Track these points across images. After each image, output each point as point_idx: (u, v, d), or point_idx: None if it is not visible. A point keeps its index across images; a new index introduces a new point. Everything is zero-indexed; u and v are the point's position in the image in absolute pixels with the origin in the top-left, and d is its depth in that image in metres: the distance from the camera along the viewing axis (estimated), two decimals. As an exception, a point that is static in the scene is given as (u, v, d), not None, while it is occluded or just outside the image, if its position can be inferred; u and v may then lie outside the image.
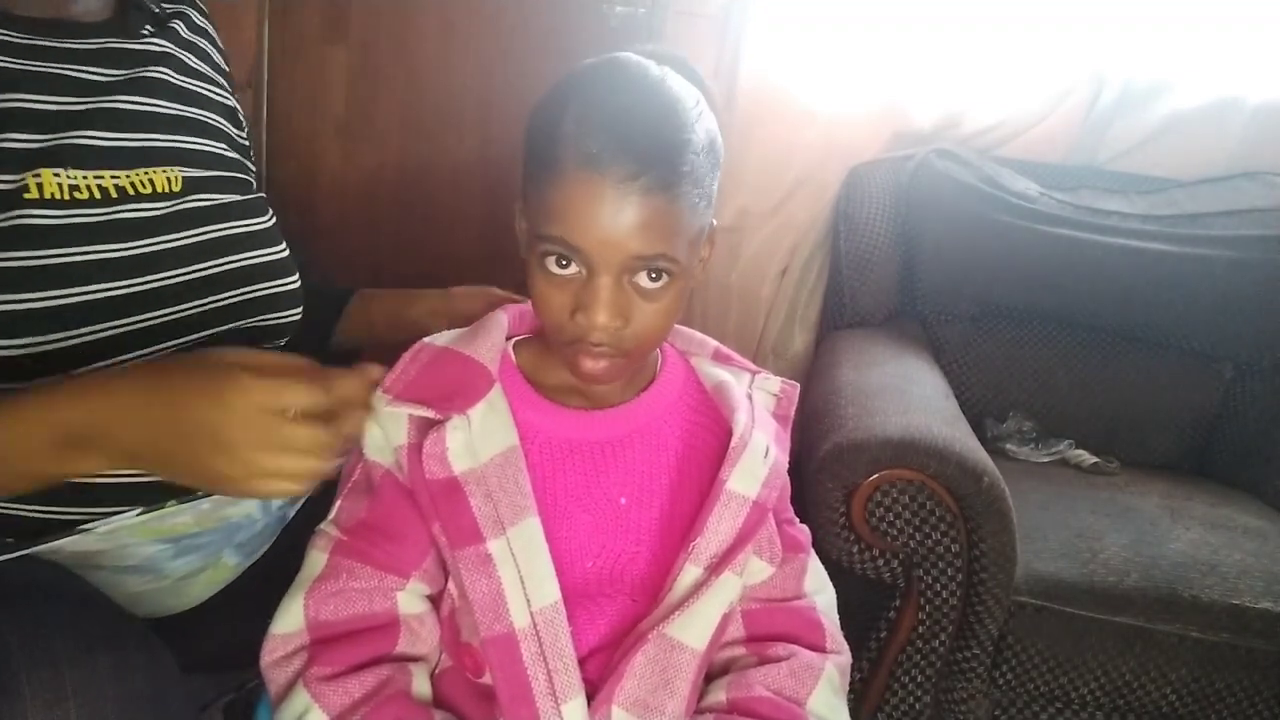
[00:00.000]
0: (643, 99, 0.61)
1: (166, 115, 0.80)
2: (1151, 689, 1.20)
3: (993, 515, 1.13)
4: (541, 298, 0.63)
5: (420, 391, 0.66)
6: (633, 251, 0.59)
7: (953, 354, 1.70)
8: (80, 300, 0.69)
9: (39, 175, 0.68)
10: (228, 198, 0.82)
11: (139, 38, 0.81)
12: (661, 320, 0.64)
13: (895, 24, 1.74)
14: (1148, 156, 1.75)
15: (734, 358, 0.80)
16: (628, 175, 0.58)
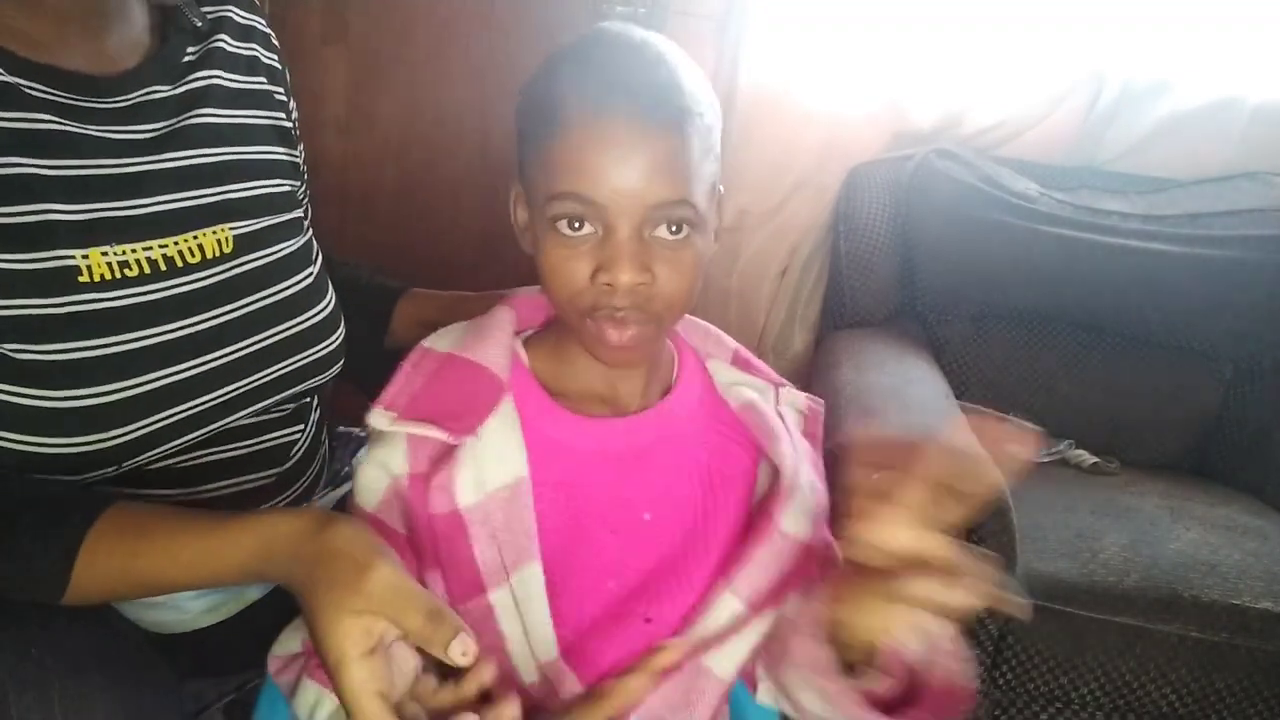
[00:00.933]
0: (635, 50, 0.59)
1: (212, 165, 0.74)
2: (1151, 689, 1.20)
3: (993, 515, 1.13)
4: (555, 268, 0.59)
5: (427, 407, 0.62)
6: (651, 198, 0.56)
7: (953, 354, 1.70)
8: (140, 392, 0.65)
9: (88, 255, 0.64)
10: (279, 250, 0.77)
11: (179, 75, 0.74)
12: (687, 279, 0.60)
13: (895, 24, 1.73)
14: (1148, 156, 1.75)
15: (754, 363, 0.74)
16: (635, 114, 0.55)
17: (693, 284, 0.61)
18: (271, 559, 0.55)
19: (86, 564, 0.56)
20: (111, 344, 0.64)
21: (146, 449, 0.66)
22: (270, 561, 0.55)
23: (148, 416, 0.66)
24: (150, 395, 0.66)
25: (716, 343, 0.75)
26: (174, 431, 0.68)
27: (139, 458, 0.66)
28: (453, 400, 0.62)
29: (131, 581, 0.57)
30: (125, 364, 0.65)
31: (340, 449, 0.94)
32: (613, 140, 0.55)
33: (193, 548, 0.57)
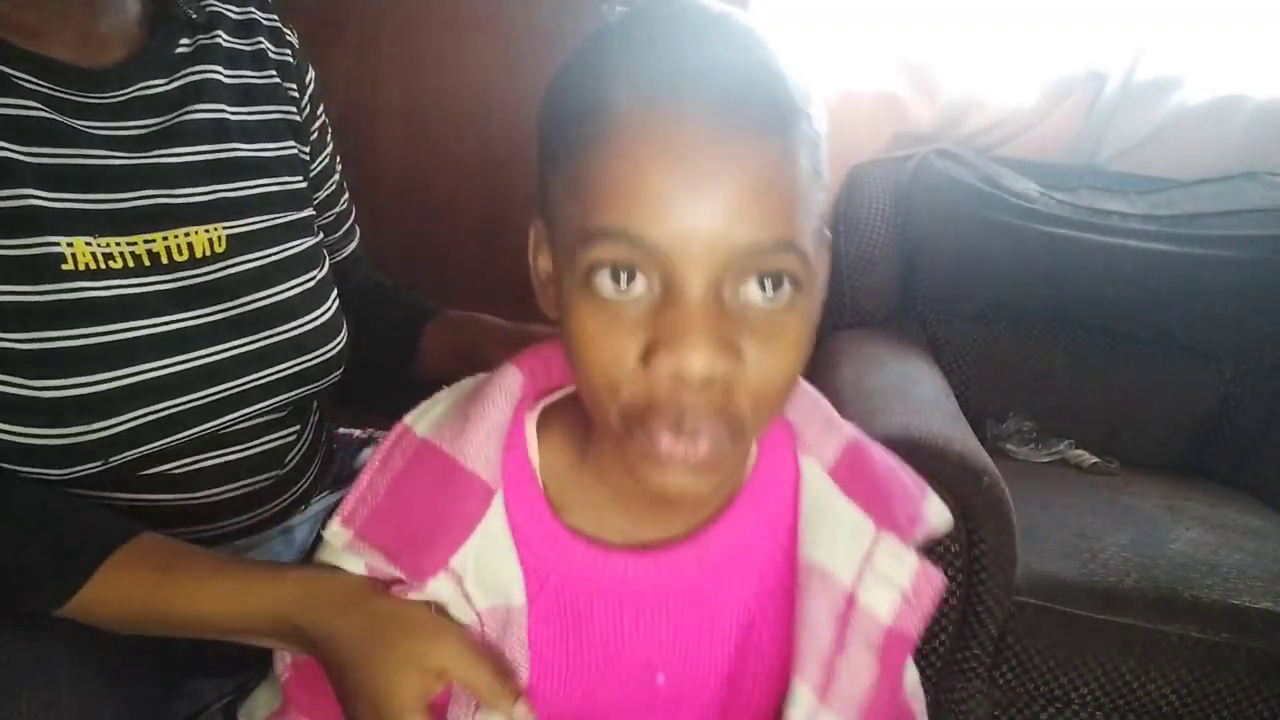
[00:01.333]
0: (714, 23, 0.41)
1: (206, 163, 0.71)
2: (1151, 689, 1.20)
3: (993, 515, 1.13)
4: (589, 345, 0.41)
5: (388, 525, 0.49)
6: (740, 240, 0.38)
7: (953, 354, 1.70)
8: (122, 384, 0.64)
9: (72, 244, 0.62)
10: (279, 252, 0.74)
11: (173, 68, 0.71)
12: (790, 362, 0.41)
13: (895, 24, 1.73)
14: (1147, 156, 1.75)
15: (872, 471, 0.53)
16: (723, 102, 0.37)
17: (797, 369, 0.42)
18: (314, 608, 0.53)
19: (103, 583, 0.55)
20: (94, 334, 0.63)
21: (131, 445, 0.65)
22: (311, 610, 0.53)
23: (130, 410, 0.65)
24: (133, 389, 0.65)
25: (825, 428, 0.54)
26: (160, 429, 0.67)
27: (125, 454, 0.65)
28: (421, 516, 0.49)
29: (151, 612, 0.56)
30: (108, 355, 0.64)
31: (340, 451, 0.93)
32: (681, 148, 0.37)
33: (224, 586, 0.55)
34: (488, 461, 0.49)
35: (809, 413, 0.54)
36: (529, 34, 1.75)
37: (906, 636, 0.51)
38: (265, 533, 0.79)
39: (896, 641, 0.51)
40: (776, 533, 0.52)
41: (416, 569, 0.49)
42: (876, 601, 0.50)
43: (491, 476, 0.49)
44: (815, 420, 0.54)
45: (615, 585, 0.50)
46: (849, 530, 0.51)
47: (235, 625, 0.56)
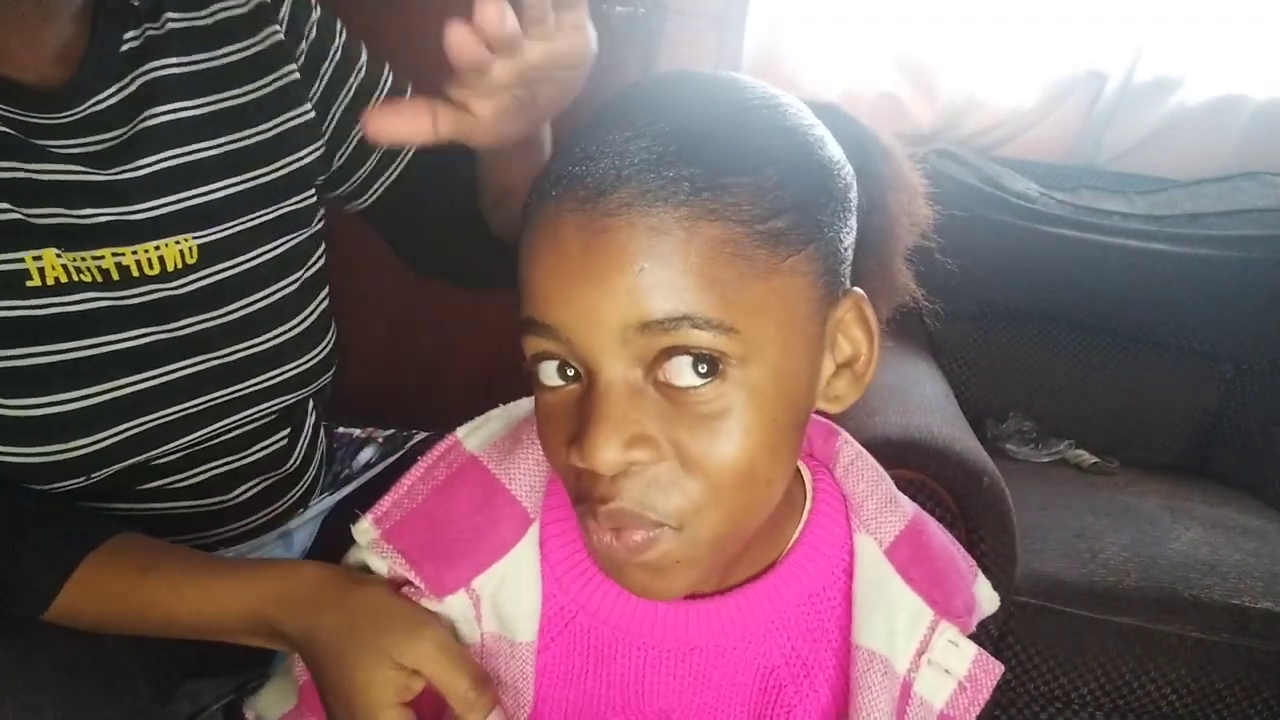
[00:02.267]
0: (634, 107, 0.39)
1: (168, 171, 0.66)
2: (1151, 689, 1.20)
3: (993, 515, 1.13)
4: (540, 431, 0.42)
5: (419, 534, 0.48)
6: (631, 316, 0.36)
7: (953, 354, 1.70)
8: (98, 401, 0.62)
9: (40, 257, 0.59)
10: (256, 257, 0.70)
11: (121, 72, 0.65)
12: (739, 445, 0.38)
13: (895, 24, 1.73)
14: (1147, 156, 1.75)
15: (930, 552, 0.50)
16: (592, 191, 0.37)
17: (752, 449, 0.38)
18: (292, 604, 0.52)
19: (84, 583, 0.55)
20: (64, 351, 0.61)
21: (113, 460, 0.64)
22: (288, 608, 0.52)
23: (111, 426, 0.63)
24: (110, 405, 0.63)
25: (884, 506, 0.51)
26: (140, 444, 0.65)
27: (109, 469, 0.64)
28: (455, 532, 0.48)
29: (129, 611, 0.56)
30: (81, 371, 0.62)
31: (340, 450, 0.93)
32: (561, 228, 0.37)
33: (202, 585, 0.55)
34: (531, 490, 0.49)
35: (869, 488, 0.51)
36: (529, 34, 1.74)
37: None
38: (263, 536, 0.79)
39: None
40: (819, 607, 0.50)
41: (437, 582, 0.48)
42: (932, 690, 0.49)
43: (532, 505, 0.49)
44: (875, 497, 0.51)
45: (642, 631, 0.49)
46: (907, 616, 0.49)
47: (214, 624, 0.55)
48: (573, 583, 0.49)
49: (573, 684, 0.50)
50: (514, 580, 0.48)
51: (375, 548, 0.49)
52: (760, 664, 0.50)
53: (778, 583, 0.49)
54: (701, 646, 0.49)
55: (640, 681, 0.50)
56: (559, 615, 0.49)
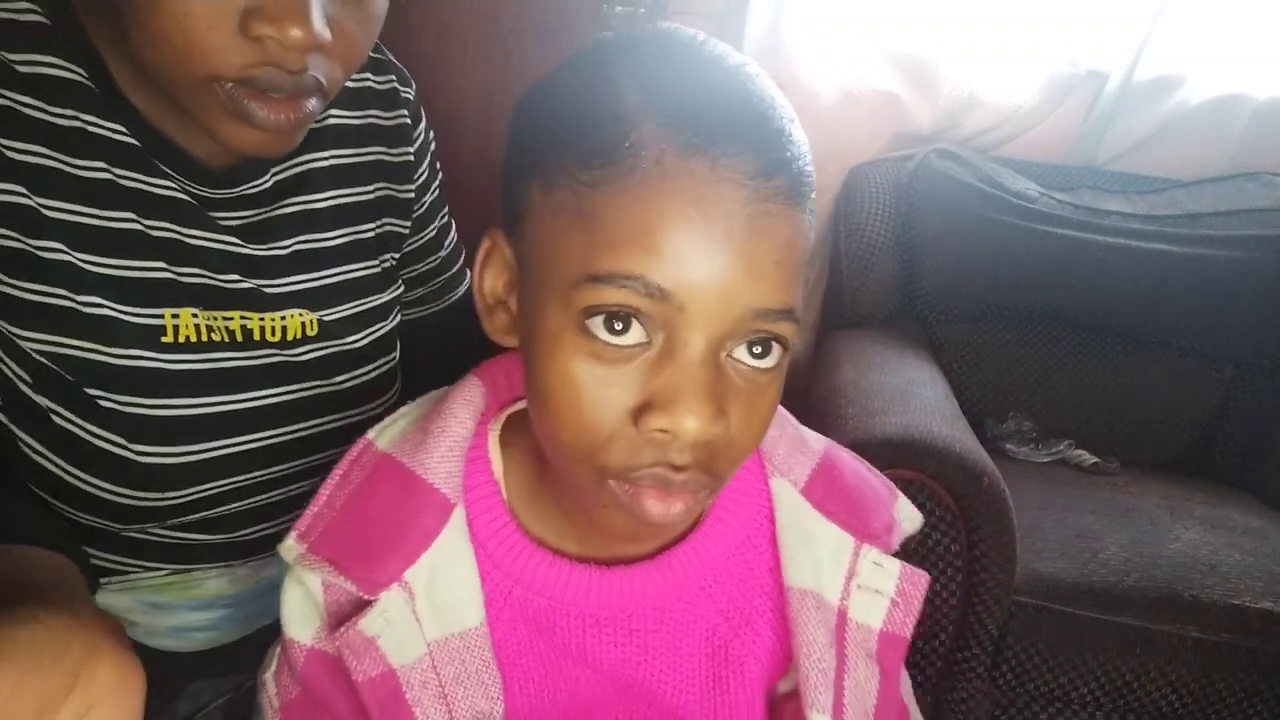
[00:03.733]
0: (733, 67, 0.41)
1: (301, 253, 0.71)
2: (1151, 689, 1.20)
3: (993, 515, 1.13)
4: (575, 393, 0.39)
5: (344, 537, 0.47)
6: (755, 301, 0.38)
7: (953, 354, 1.70)
8: (212, 456, 0.66)
9: (178, 315, 0.63)
10: (361, 338, 0.75)
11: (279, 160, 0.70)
12: (766, 423, 0.43)
13: (895, 24, 1.73)
14: (1148, 156, 1.75)
15: (844, 485, 0.52)
16: (760, 169, 0.37)
17: (769, 424, 0.43)
18: None
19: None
20: (187, 406, 0.64)
21: (196, 510, 0.67)
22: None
23: (209, 481, 0.66)
24: (216, 461, 0.66)
25: (794, 448, 0.53)
26: (226, 498, 0.69)
27: (193, 515, 0.67)
28: (378, 530, 0.47)
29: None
30: (201, 427, 0.65)
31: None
32: (716, 209, 0.36)
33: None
34: (449, 475, 0.48)
35: (776, 435, 0.53)
36: (528, 35, 1.75)
37: (900, 638, 0.51)
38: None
39: (891, 645, 0.51)
40: (746, 556, 0.52)
41: (369, 581, 0.46)
42: (867, 612, 0.51)
43: (452, 490, 0.48)
44: (783, 442, 0.53)
45: (578, 600, 0.49)
46: (830, 550, 0.51)
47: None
48: (504, 556, 0.49)
49: (527, 655, 0.50)
50: (446, 566, 0.47)
51: (303, 561, 0.47)
52: (700, 625, 0.51)
53: (703, 540, 0.50)
54: (638, 613, 0.49)
55: (585, 649, 0.50)
56: (497, 591, 0.49)
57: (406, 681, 0.46)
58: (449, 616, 0.47)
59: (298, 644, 0.48)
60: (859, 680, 0.50)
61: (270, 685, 0.51)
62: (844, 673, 0.50)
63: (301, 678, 0.49)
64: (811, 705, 0.50)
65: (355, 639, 0.46)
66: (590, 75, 0.41)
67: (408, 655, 0.46)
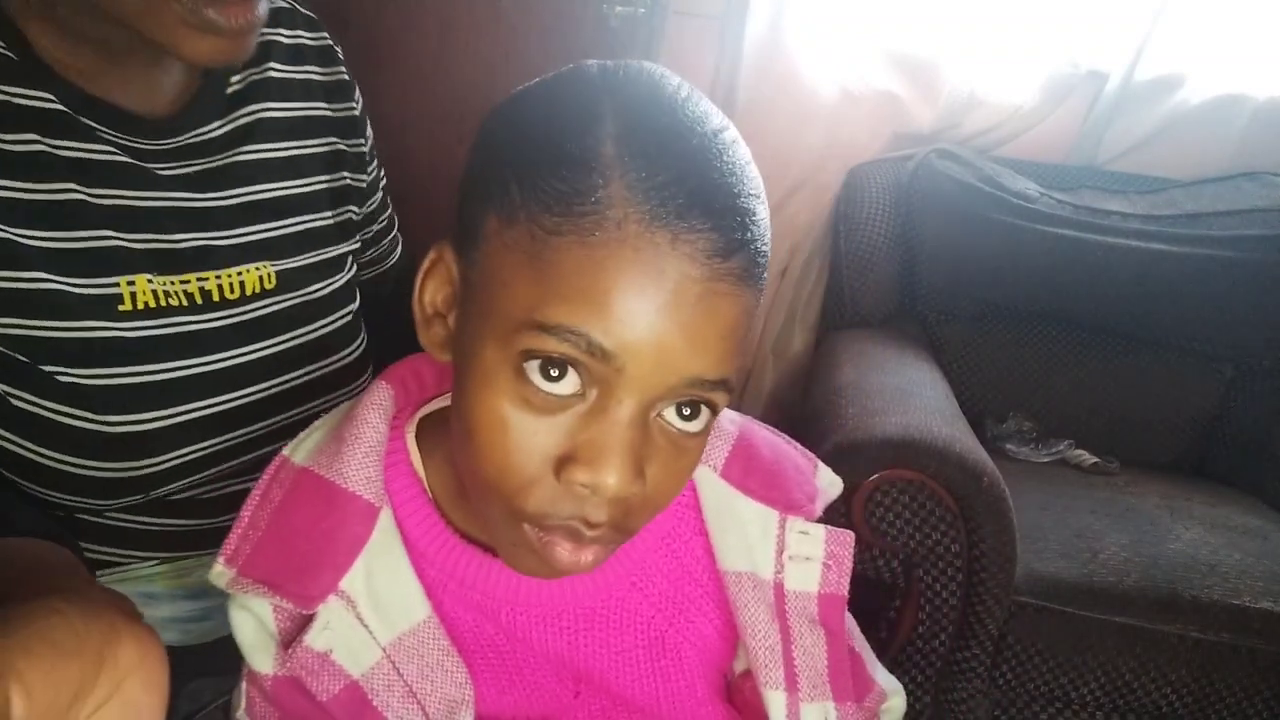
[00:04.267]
0: (710, 133, 0.40)
1: (254, 203, 0.71)
2: (1151, 689, 1.20)
3: (993, 515, 1.13)
4: (499, 433, 0.39)
5: (273, 556, 0.46)
6: (693, 372, 0.38)
7: (953, 354, 1.70)
8: (179, 421, 0.65)
9: (134, 282, 0.63)
10: (321, 288, 0.76)
11: (225, 110, 0.71)
12: (683, 482, 0.43)
13: (895, 24, 1.74)
14: (1148, 156, 1.75)
15: (761, 462, 0.53)
16: (719, 249, 0.37)
17: (685, 484, 0.44)
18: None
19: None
20: (151, 372, 0.64)
21: (177, 478, 0.67)
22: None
23: (184, 446, 0.66)
24: (188, 425, 0.66)
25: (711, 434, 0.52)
26: (206, 463, 0.68)
27: (168, 487, 0.67)
28: (305, 544, 0.46)
29: None
30: (164, 393, 0.65)
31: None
32: (671, 282, 0.37)
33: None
34: (369, 480, 0.47)
35: None
36: (528, 34, 1.75)
37: (838, 596, 0.53)
38: None
39: (831, 604, 0.53)
40: (674, 547, 0.53)
41: (304, 597, 0.45)
42: (802, 580, 0.52)
43: (374, 494, 0.47)
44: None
45: (509, 597, 0.49)
46: (757, 527, 0.52)
47: None
48: (436, 554, 0.49)
49: (479, 637, 0.50)
50: (380, 569, 0.47)
51: (235, 586, 0.46)
52: (635, 620, 0.52)
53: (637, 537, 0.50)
54: (567, 610, 0.50)
55: (530, 637, 0.50)
56: (434, 585, 0.49)
57: (371, 689, 0.46)
58: (395, 615, 0.47)
59: (262, 675, 0.47)
60: (806, 648, 0.52)
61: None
62: (790, 645, 0.52)
63: (275, 703, 0.48)
64: (765, 683, 0.51)
65: (307, 657, 0.46)
66: (566, 111, 0.40)
67: (363, 663, 0.46)
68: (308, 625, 0.46)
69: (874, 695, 0.59)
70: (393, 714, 0.46)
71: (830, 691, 0.53)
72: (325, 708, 0.46)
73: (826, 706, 0.52)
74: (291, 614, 0.47)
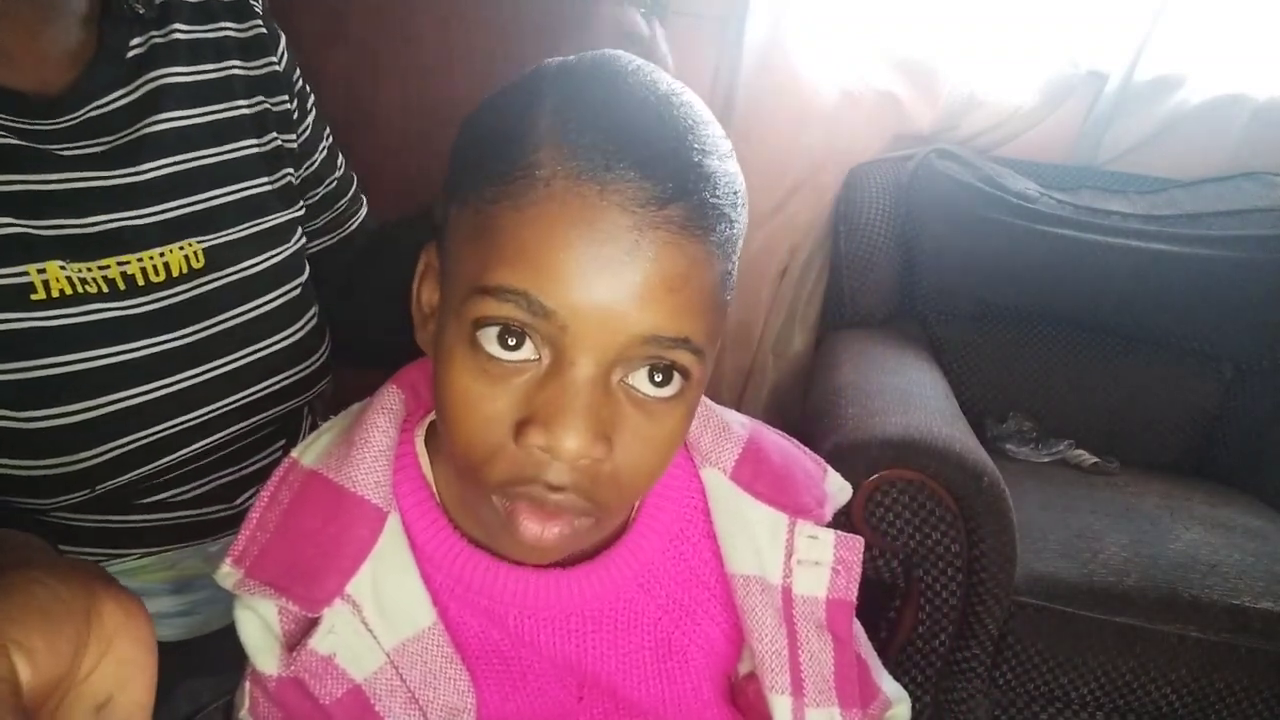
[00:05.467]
0: (655, 97, 0.40)
1: (171, 176, 0.67)
2: (1151, 689, 1.20)
3: (993, 515, 1.13)
4: (463, 405, 0.40)
5: (281, 558, 0.46)
6: (641, 327, 0.38)
7: (953, 354, 1.70)
8: (105, 412, 0.62)
9: (44, 270, 0.59)
10: (258, 262, 0.71)
11: (126, 78, 0.66)
12: (659, 458, 0.42)
13: (895, 24, 1.74)
14: (1148, 156, 1.75)
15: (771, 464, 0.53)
16: (652, 197, 0.37)
17: (668, 460, 0.43)
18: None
19: None
20: (72, 362, 0.60)
21: (118, 473, 0.63)
22: None
23: (117, 438, 0.62)
24: (116, 415, 0.62)
25: (719, 436, 0.53)
26: (145, 455, 0.64)
27: (112, 481, 0.64)
28: (312, 547, 0.46)
29: None
30: (88, 383, 0.61)
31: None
32: (601, 232, 0.36)
33: None
34: (378, 485, 0.47)
35: (701, 425, 0.53)
36: (528, 34, 1.75)
37: (846, 602, 0.52)
38: None
39: (839, 610, 0.52)
40: (681, 549, 0.52)
41: (309, 600, 0.45)
42: (810, 585, 0.52)
43: (382, 499, 0.47)
44: (708, 431, 0.53)
45: (516, 601, 0.49)
46: (766, 530, 0.52)
47: None
48: (443, 559, 0.49)
49: (483, 644, 0.50)
50: (387, 573, 0.47)
51: (242, 587, 0.46)
52: (642, 622, 0.51)
53: (637, 538, 0.51)
54: (576, 613, 0.50)
55: (537, 641, 0.50)
56: (441, 590, 0.49)
57: (374, 694, 0.46)
58: (400, 621, 0.47)
59: (266, 676, 0.47)
60: (813, 653, 0.51)
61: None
62: (797, 649, 0.51)
63: (279, 704, 0.48)
64: (770, 687, 0.51)
65: (311, 660, 0.45)
66: (516, 100, 0.41)
67: (366, 668, 0.46)
68: (312, 628, 0.46)
69: (879, 703, 0.59)
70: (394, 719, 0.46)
71: (836, 698, 0.52)
72: (328, 711, 0.46)
73: (832, 713, 0.52)
74: (296, 616, 0.46)
